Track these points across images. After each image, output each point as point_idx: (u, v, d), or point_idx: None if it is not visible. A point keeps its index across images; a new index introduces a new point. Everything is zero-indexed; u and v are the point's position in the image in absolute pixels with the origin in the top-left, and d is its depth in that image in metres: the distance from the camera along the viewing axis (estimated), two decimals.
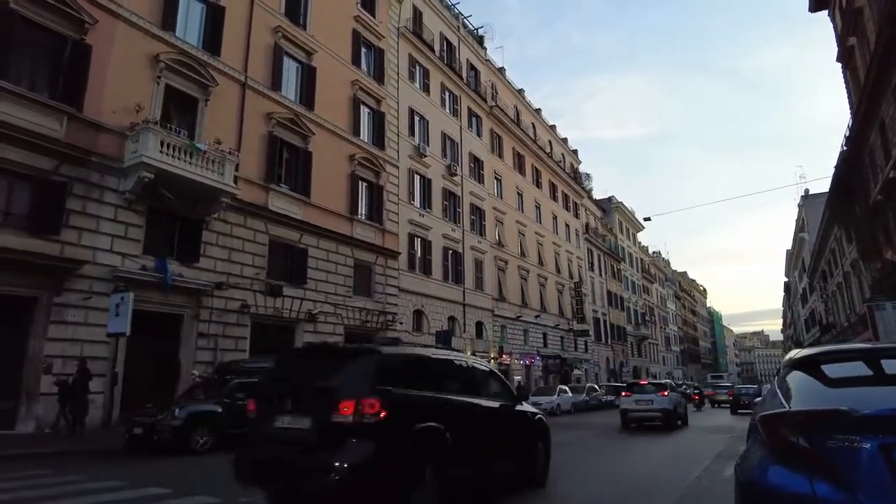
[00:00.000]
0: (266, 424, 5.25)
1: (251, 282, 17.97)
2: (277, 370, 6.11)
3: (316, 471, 4.72)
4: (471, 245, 31.64)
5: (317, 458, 4.76)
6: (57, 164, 13.54)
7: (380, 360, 5.30)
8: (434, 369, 6.10)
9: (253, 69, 19.16)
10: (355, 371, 5.16)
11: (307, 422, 4.97)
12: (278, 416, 5.20)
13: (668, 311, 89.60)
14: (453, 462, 5.54)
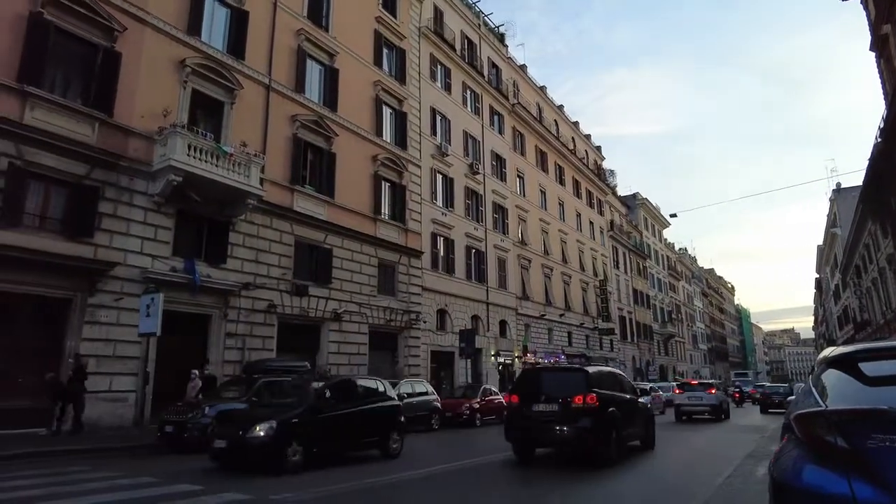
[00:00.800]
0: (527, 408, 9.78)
1: (277, 282, 18.21)
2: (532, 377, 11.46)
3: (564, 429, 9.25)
4: (493, 243, 31.57)
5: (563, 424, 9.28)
6: (89, 168, 13.90)
7: (588, 374, 9.90)
8: (610, 378, 10.91)
9: (277, 72, 19.39)
10: (579, 380, 9.73)
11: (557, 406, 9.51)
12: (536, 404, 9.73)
13: (695, 308, 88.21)
14: (622, 428, 9.99)
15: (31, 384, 12.56)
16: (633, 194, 66.44)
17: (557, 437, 9.24)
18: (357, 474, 8.52)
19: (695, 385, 22.98)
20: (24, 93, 12.88)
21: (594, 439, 9.13)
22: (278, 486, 7.37)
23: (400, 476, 8.48)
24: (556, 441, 9.51)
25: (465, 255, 28.92)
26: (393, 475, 8.49)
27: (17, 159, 12.68)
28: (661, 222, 73.28)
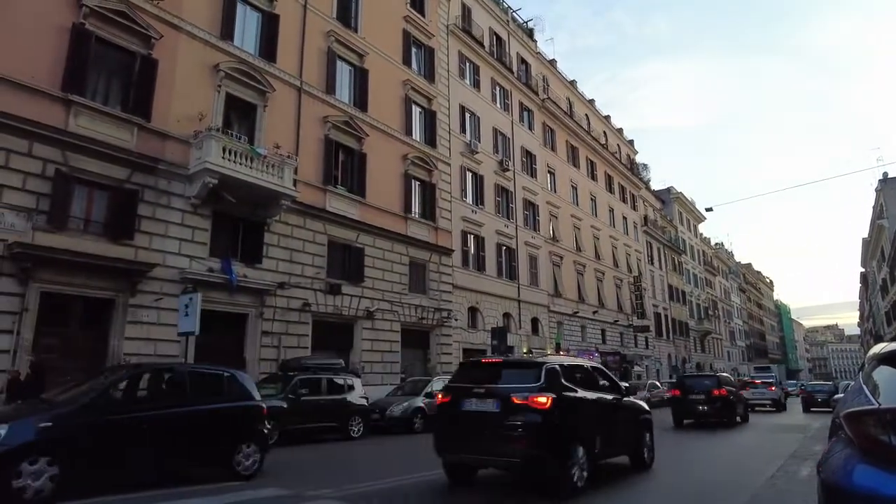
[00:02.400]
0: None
1: (311, 281, 18.46)
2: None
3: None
4: (524, 240, 31.37)
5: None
6: (129, 172, 14.32)
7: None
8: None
9: (308, 74, 19.64)
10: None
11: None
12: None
13: (733, 304, 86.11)
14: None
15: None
16: (668, 188, 65.21)
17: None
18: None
19: (758, 384, 28.54)
20: (68, 101, 13.35)
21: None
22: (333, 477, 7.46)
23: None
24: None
25: (496, 252, 28.82)
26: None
27: (63, 165, 13.15)
28: (697, 216, 71.68)
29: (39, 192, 12.72)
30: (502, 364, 7.63)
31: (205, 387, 8.35)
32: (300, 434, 12.12)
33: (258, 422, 8.41)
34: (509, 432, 6.26)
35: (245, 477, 7.79)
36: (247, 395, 8.52)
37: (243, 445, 7.94)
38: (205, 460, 7.89)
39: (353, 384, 14.15)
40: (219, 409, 8.08)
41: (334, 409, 13.15)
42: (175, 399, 7.76)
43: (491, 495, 6.82)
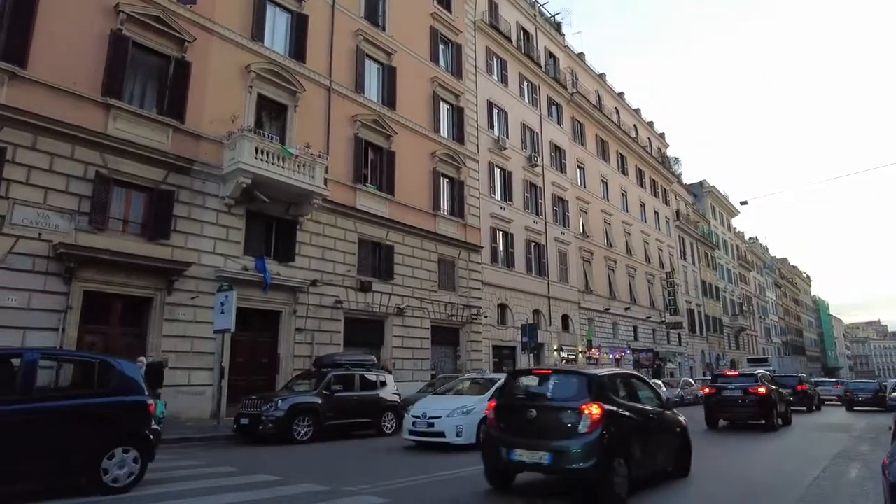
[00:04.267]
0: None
1: (343, 278, 18.63)
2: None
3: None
4: (554, 236, 31.10)
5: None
6: (165, 173, 14.65)
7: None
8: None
9: (337, 73, 19.78)
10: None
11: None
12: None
13: (768, 300, 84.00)
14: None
15: None
16: (700, 182, 63.93)
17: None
18: None
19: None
20: (107, 105, 13.71)
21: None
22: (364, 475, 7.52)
23: None
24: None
25: (525, 248, 28.64)
26: None
27: (103, 168, 13.52)
28: (730, 210, 70.11)
29: (81, 194, 13.11)
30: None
31: (69, 378, 7.33)
32: (334, 430, 12.25)
33: (140, 422, 6.75)
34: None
35: (118, 490, 6.32)
36: (128, 388, 6.83)
37: (118, 450, 6.44)
38: (58, 470, 6.21)
39: (386, 380, 14.22)
40: (77, 406, 6.45)
41: (367, 405, 13.25)
42: (14, 394, 6.00)
43: (530, 497, 6.68)
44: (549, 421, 6.41)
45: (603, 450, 6.01)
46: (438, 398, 12.14)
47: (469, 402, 10.96)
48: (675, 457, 7.75)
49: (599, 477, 6.00)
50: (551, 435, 6.27)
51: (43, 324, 12.18)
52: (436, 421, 10.64)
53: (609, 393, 6.59)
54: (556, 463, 6.12)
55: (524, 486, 7.12)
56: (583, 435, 6.04)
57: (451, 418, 10.58)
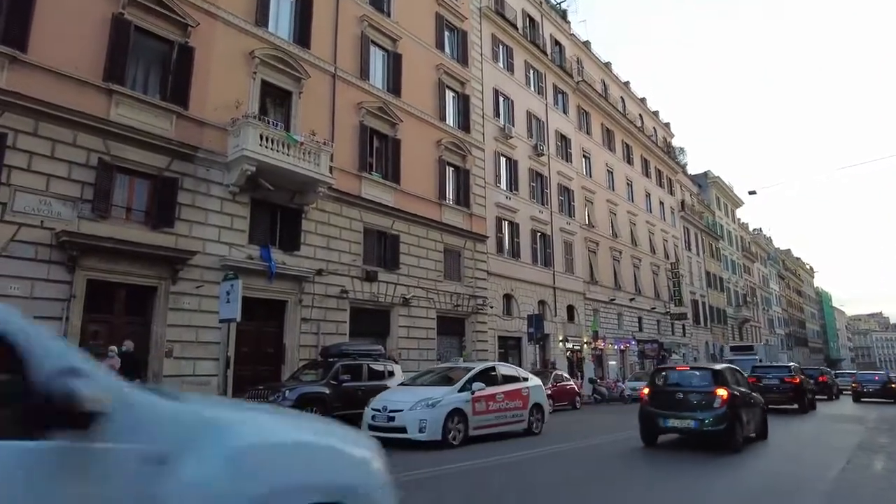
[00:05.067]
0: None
1: (348, 268, 18.42)
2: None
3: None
4: (559, 227, 30.85)
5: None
6: (169, 160, 14.41)
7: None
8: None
9: (342, 60, 19.47)
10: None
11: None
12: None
13: (771, 291, 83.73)
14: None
15: None
16: (704, 172, 63.46)
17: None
18: None
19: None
20: (109, 91, 13.45)
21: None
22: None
23: None
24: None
25: (531, 238, 28.40)
26: None
27: (106, 154, 13.28)
28: (734, 201, 69.74)
29: (83, 181, 12.88)
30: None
31: None
32: (342, 420, 12.07)
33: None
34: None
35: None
36: None
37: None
38: None
39: (394, 370, 14.06)
40: None
41: (376, 395, 13.06)
42: None
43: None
44: (692, 400, 9.70)
45: (729, 417, 9.30)
46: (403, 389, 11.28)
47: (436, 393, 10.14)
48: (759, 426, 11.04)
49: (727, 434, 9.31)
50: (695, 409, 9.58)
51: (46, 313, 11.98)
52: (397, 415, 9.74)
53: (729, 381, 9.97)
54: (699, 427, 9.40)
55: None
56: (716, 408, 9.38)
57: (413, 412, 9.65)
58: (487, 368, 11.38)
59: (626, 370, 34.88)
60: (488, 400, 10.57)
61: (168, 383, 13.62)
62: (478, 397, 10.34)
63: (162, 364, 13.62)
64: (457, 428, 9.89)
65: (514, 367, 12.77)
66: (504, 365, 12.61)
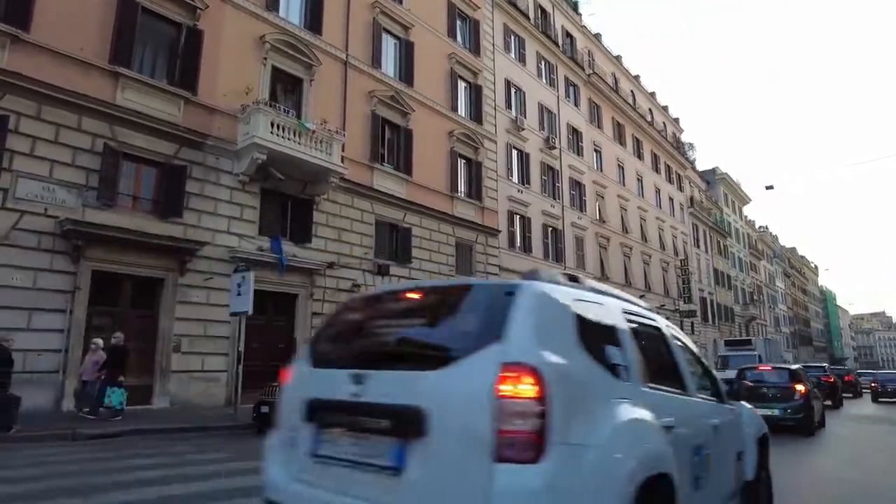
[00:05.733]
0: None
1: (360, 261, 17.89)
2: None
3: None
4: (570, 221, 30.27)
5: None
6: (177, 148, 13.86)
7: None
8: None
9: (353, 47, 18.89)
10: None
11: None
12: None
13: (777, 289, 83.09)
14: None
15: (134, 363, 12.72)
16: (712, 169, 62.81)
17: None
18: None
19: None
20: (115, 74, 12.91)
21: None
22: None
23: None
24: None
25: (542, 233, 27.83)
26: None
27: (112, 140, 12.74)
28: (742, 198, 69.13)
29: (89, 168, 12.34)
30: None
31: None
32: None
33: None
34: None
35: None
36: None
37: None
38: None
39: None
40: None
41: None
42: None
43: None
44: (776, 393, 11.64)
45: (807, 407, 11.34)
46: None
47: None
48: (821, 416, 12.82)
49: (806, 421, 11.27)
50: (779, 400, 11.44)
51: (49, 305, 11.48)
52: None
53: (803, 378, 12.26)
54: (783, 415, 11.12)
55: None
56: (797, 400, 11.37)
57: None
58: None
59: None
60: None
61: (175, 380, 13.13)
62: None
63: (169, 359, 13.12)
64: None
65: None
66: None
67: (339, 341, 3.05)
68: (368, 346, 2.91)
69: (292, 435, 2.74)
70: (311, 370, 2.93)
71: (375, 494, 2.32)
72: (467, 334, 2.42)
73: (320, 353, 3.01)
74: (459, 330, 2.53)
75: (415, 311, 2.93)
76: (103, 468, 6.60)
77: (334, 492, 2.45)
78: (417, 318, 2.91)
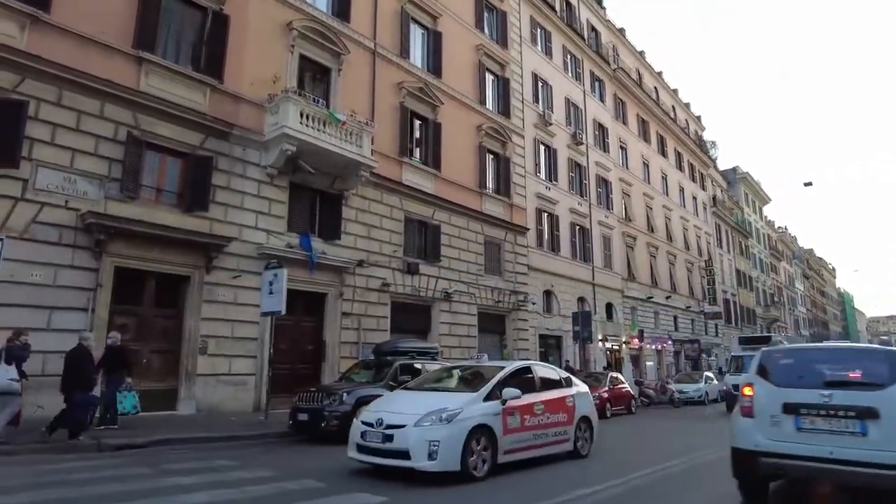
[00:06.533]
0: None
1: (389, 259, 17.06)
2: None
3: None
4: (598, 220, 29.31)
5: None
6: (203, 138, 13.10)
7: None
8: None
9: (381, 36, 18.10)
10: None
11: None
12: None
13: (797, 291, 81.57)
14: None
15: (158, 365, 12.01)
16: (733, 168, 61.65)
17: None
18: None
19: None
20: (139, 59, 12.17)
21: None
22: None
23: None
24: None
25: (570, 232, 26.91)
26: None
27: (135, 129, 11.99)
28: (762, 198, 67.84)
29: (111, 158, 11.59)
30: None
31: None
32: None
33: None
34: None
35: None
36: None
37: None
38: None
39: None
40: None
41: None
42: None
43: None
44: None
45: None
46: (407, 395, 8.05)
47: (452, 402, 7.07)
48: None
49: None
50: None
51: (70, 303, 10.73)
52: (397, 432, 6.69)
53: None
54: None
55: None
56: None
57: (420, 429, 6.61)
58: (521, 369, 8.42)
59: (664, 371, 33.35)
60: (524, 412, 7.60)
61: (202, 384, 12.36)
62: (511, 408, 7.33)
63: (195, 362, 12.32)
64: (481, 453, 6.86)
65: (554, 368, 9.75)
66: (542, 365, 9.53)
67: (801, 375, 5.49)
68: (829, 377, 5.33)
69: (775, 419, 5.26)
70: (776, 388, 5.45)
71: (849, 443, 4.86)
72: (884, 375, 5.13)
73: (778, 378, 5.56)
74: (880, 372, 5.19)
75: (850, 360, 5.75)
76: (142, 488, 5.79)
77: (817, 444, 4.98)
78: (855, 364, 5.57)
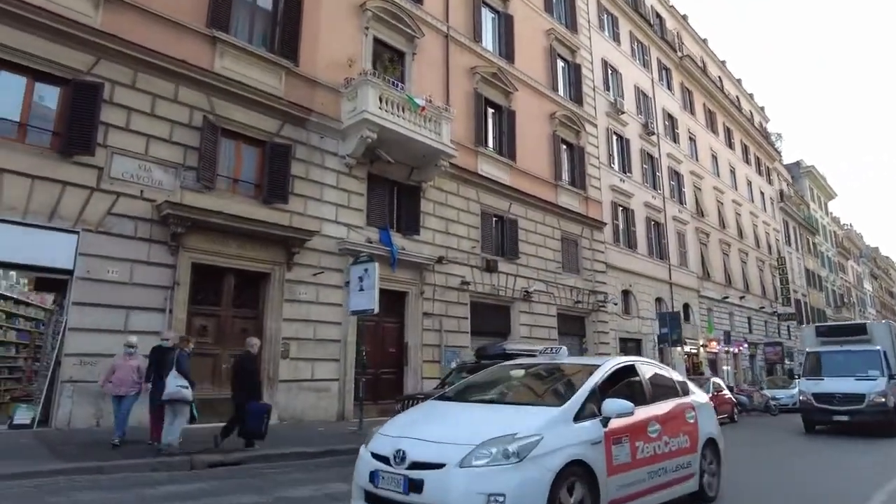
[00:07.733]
0: None
1: (468, 256, 15.81)
2: None
3: None
4: (672, 215, 27.46)
5: None
6: (280, 124, 12.14)
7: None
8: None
9: (453, 19, 16.96)
10: None
11: None
12: None
13: (865, 292, 76.86)
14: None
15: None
16: (797, 162, 58.22)
17: None
18: None
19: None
20: (213, 39, 11.28)
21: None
22: None
23: None
24: None
25: (646, 227, 25.19)
26: None
27: (210, 113, 11.08)
28: (828, 193, 64.04)
29: (186, 145, 10.69)
30: None
31: None
32: None
33: None
34: None
35: None
36: None
37: None
38: None
39: None
40: None
41: None
42: None
43: None
44: None
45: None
46: (446, 408, 5.14)
47: (525, 422, 4.29)
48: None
49: None
50: None
51: (147, 303, 9.83)
52: (429, 476, 3.95)
53: None
54: None
55: None
56: None
57: (471, 471, 3.89)
58: (622, 369, 5.46)
59: (742, 375, 31.12)
60: (635, 437, 4.81)
61: (284, 390, 11.29)
62: (617, 432, 4.60)
63: (277, 366, 11.28)
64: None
65: (665, 368, 6.58)
66: (648, 363, 6.29)
67: None
68: None
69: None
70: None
71: None
72: None
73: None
74: None
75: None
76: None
77: None
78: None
